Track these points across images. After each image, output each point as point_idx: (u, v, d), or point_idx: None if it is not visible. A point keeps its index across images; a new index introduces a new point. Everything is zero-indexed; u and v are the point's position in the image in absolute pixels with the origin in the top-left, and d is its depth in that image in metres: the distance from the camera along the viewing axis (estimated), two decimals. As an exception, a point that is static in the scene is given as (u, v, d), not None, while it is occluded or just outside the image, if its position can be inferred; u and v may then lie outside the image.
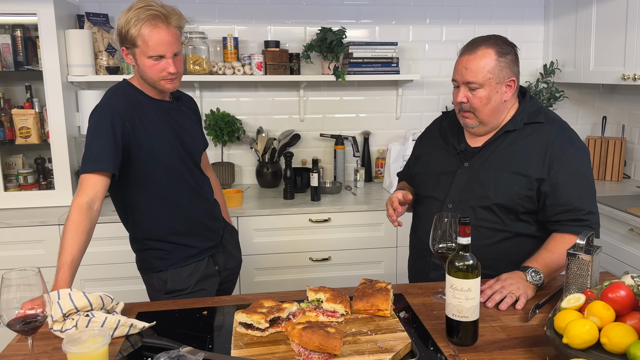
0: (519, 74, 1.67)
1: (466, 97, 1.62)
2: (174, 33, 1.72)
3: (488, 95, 1.60)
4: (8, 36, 2.71)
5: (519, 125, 1.66)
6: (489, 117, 1.64)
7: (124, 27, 1.68)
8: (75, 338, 1.16)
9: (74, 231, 1.57)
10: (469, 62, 1.60)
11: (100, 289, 2.67)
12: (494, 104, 1.62)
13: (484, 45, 1.60)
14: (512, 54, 1.63)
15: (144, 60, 1.70)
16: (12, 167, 2.88)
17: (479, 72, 1.58)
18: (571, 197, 1.58)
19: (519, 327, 1.36)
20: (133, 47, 1.69)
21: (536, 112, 1.67)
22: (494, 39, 1.63)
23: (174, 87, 1.79)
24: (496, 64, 1.58)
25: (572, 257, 1.42)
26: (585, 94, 3.53)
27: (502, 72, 1.60)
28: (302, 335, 1.18)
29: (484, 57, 1.59)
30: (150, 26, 1.66)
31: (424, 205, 1.78)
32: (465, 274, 1.24)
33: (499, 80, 1.60)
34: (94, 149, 1.66)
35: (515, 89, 1.65)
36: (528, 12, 3.42)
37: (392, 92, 3.39)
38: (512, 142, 1.66)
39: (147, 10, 1.67)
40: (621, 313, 1.15)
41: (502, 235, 1.64)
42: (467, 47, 1.64)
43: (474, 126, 1.67)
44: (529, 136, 1.64)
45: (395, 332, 1.29)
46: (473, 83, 1.59)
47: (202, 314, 1.47)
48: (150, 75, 1.72)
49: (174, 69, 1.73)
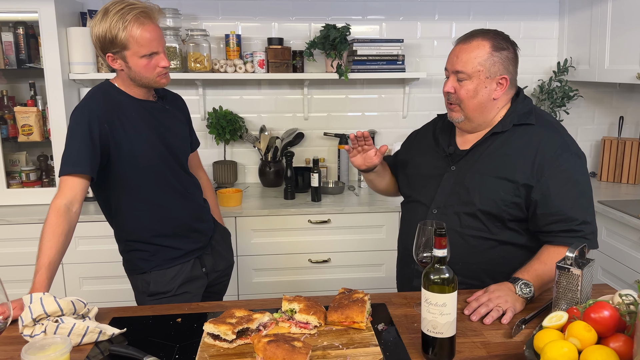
0: (515, 74, 1.59)
1: (454, 87, 1.56)
2: (159, 27, 1.72)
3: (475, 89, 1.53)
4: (10, 34, 2.72)
5: (507, 126, 1.57)
6: (474, 112, 1.57)
7: (108, 33, 1.64)
8: (37, 346, 1.14)
9: (51, 233, 1.55)
10: (461, 51, 1.55)
11: (98, 287, 2.71)
12: (481, 99, 1.55)
13: (481, 37, 1.54)
14: (510, 51, 1.55)
15: (136, 61, 1.68)
16: (15, 164, 2.90)
17: (469, 63, 1.52)
18: (564, 206, 1.49)
19: (502, 343, 1.29)
20: (122, 50, 1.66)
21: (527, 114, 1.58)
22: (493, 33, 1.56)
23: (169, 81, 1.78)
24: (488, 57, 1.52)
25: (561, 271, 1.34)
26: (602, 92, 3.39)
27: (494, 67, 1.53)
28: (266, 349, 1.14)
29: (477, 48, 1.52)
30: (139, 25, 1.64)
31: (410, 211, 1.73)
32: (442, 288, 1.17)
33: (489, 75, 1.53)
34: (72, 150, 1.65)
35: (506, 88, 1.56)
36: (542, 8, 3.30)
37: (399, 90, 3.30)
38: (500, 145, 1.57)
39: (131, 10, 1.64)
40: (604, 335, 1.07)
41: (488, 244, 1.56)
42: (463, 36, 1.58)
43: (460, 120, 1.60)
44: (519, 139, 1.56)
45: (368, 347, 1.24)
46: (462, 73, 1.53)
47: (176, 321, 1.43)
48: (146, 74, 1.70)
49: (167, 62, 1.72)
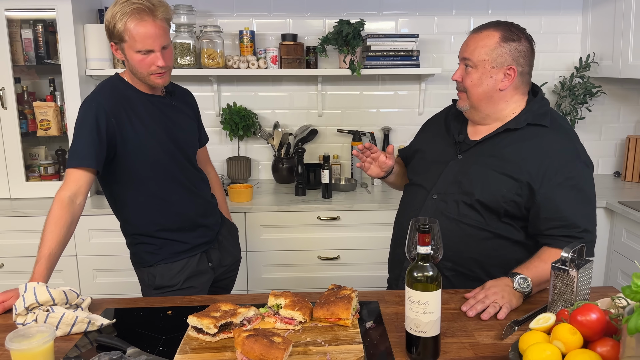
0: (528, 67, 1.56)
1: (461, 75, 1.59)
2: (161, 26, 1.69)
3: (480, 77, 1.54)
4: (30, 31, 2.79)
5: (521, 124, 1.55)
6: (480, 101, 1.57)
7: (110, 22, 1.67)
8: (21, 334, 1.16)
9: (54, 224, 1.58)
10: (471, 39, 1.57)
11: (111, 279, 2.75)
12: (486, 89, 1.55)
13: (493, 28, 1.55)
14: (521, 43, 1.53)
15: (132, 54, 1.69)
16: (35, 158, 2.98)
17: (475, 51, 1.54)
18: (568, 212, 1.48)
19: (491, 345, 1.25)
20: (121, 42, 1.68)
21: (543, 115, 1.57)
22: (507, 24, 1.56)
23: (164, 82, 1.77)
24: (496, 47, 1.52)
25: (557, 271, 1.30)
26: (628, 89, 3.27)
27: (501, 57, 1.52)
28: (244, 343, 1.13)
29: (486, 37, 1.54)
30: (135, 20, 1.64)
31: (410, 194, 1.74)
32: (425, 286, 1.15)
33: (495, 65, 1.53)
34: (78, 143, 1.67)
35: (515, 80, 1.54)
36: (565, 1, 3.19)
37: (414, 86, 3.25)
38: (511, 142, 1.56)
39: (132, 4, 1.65)
40: (591, 338, 1.03)
41: (484, 235, 1.56)
42: (478, 26, 1.60)
43: (466, 108, 1.62)
44: (530, 140, 1.54)
45: (351, 344, 1.21)
46: (468, 60, 1.56)
47: (166, 313, 1.44)
48: (140, 70, 1.70)
49: (162, 63, 1.70)
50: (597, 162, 3.38)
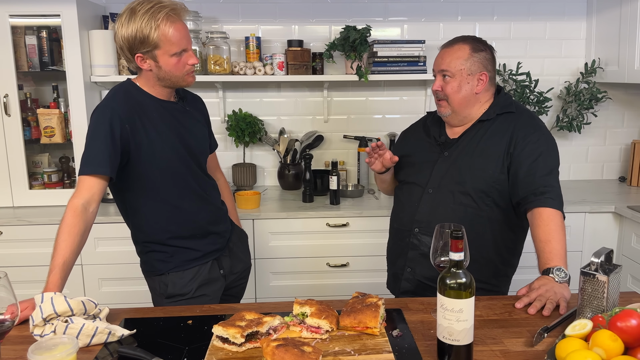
0: (494, 72, 1.80)
1: (440, 86, 1.77)
2: (186, 25, 1.73)
3: (459, 85, 1.74)
4: (34, 37, 2.76)
5: (492, 115, 1.78)
6: (460, 105, 1.77)
7: (139, 33, 1.63)
8: (44, 346, 1.13)
9: (67, 233, 1.55)
10: (445, 54, 1.77)
11: (117, 289, 2.71)
12: (465, 94, 1.76)
13: (461, 42, 1.77)
14: (487, 52, 1.77)
15: (167, 59, 1.67)
16: (38, 166, 2.94)
17: (452, 63, 1.74)
18: (532, 173, 1.66)
19: (522, 352, 1.23)
20: (154, 49, 1.66)
21: (509, 105, 1.80)
22: (472, 38, 1.79)
23: (194, 80, 1.79)
24: (469, 57, 1.74)
25: (586, 277, 1.28)
26: (633, 94, 3.28)
27: (474, 65, 1.74)
28: (274, 353, 1.10)
29: (459, 50, 1.75)
30: (170, 23, 1.65)
31: (406, 191, 1.89)
32: (458, 293, 1.13)
33: (470, 72, 1.74)
34: (92, 150, 1.64)
35: (487, 84, 1.77)
36: (569, 7, 3.20)
37: (420, 92, 3.25)
38: (485, 130, 1.78)
39: (161, 9, 1.64)
40: (632, 345, 1.01)
41: (478, 220, 1.72)
42: (447, 42, 1.81)
43: (448, 114, 1.80)
44: (501, 124, 1.77)
45: (381, 354, 1.19)
46: (447, 71, 1.75)
47: (187, 323, 1.41)
48: (176, 73, 1.70)
49: (196, 60, 1.73)
50: (601, 167, 3.39)
